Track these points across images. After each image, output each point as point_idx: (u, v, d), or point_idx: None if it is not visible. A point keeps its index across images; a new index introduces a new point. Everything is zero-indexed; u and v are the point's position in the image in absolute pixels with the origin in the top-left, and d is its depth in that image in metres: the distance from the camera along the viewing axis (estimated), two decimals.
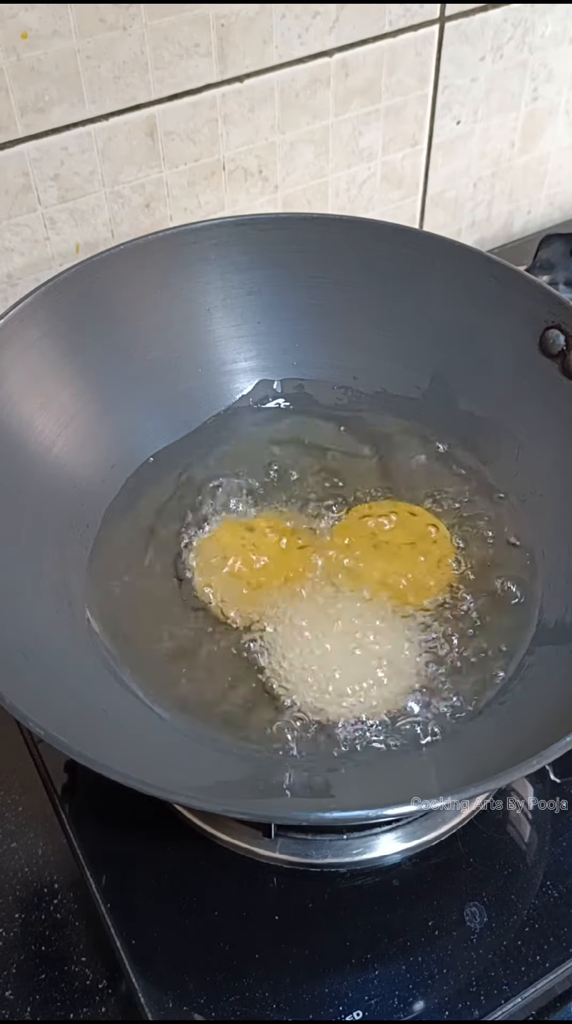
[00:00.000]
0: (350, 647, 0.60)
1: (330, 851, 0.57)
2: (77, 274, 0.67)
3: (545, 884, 0.59)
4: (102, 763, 0.46)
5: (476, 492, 0.69)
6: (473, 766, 0.55)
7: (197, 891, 0.58)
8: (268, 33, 0.71)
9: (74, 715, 0.53)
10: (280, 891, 0.58)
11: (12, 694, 0.49)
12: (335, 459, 0.72)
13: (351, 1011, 0.53)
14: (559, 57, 0.87)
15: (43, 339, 0.65)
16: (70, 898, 0.58)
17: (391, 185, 0.87)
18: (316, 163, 0.81)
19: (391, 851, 0.58)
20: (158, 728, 0.57)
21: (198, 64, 0.70)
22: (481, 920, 0.57)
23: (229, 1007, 0.54)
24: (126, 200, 0.74)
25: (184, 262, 0.71)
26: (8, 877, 0.59)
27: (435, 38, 0.79)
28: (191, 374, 0.73)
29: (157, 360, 0.72)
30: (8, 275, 0.74)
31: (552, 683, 0.57)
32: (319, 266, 0.73)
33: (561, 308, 0.66)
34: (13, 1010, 0.54)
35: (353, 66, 0.77)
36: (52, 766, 0.63)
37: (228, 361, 0.75)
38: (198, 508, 0.68)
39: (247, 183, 0.79)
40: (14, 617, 0.57)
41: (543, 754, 0.47)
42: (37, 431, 0.65)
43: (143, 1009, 0.53)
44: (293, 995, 0.54)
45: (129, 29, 0.66)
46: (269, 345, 0.75)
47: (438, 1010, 0.54)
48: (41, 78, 0.65)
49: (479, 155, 0.90)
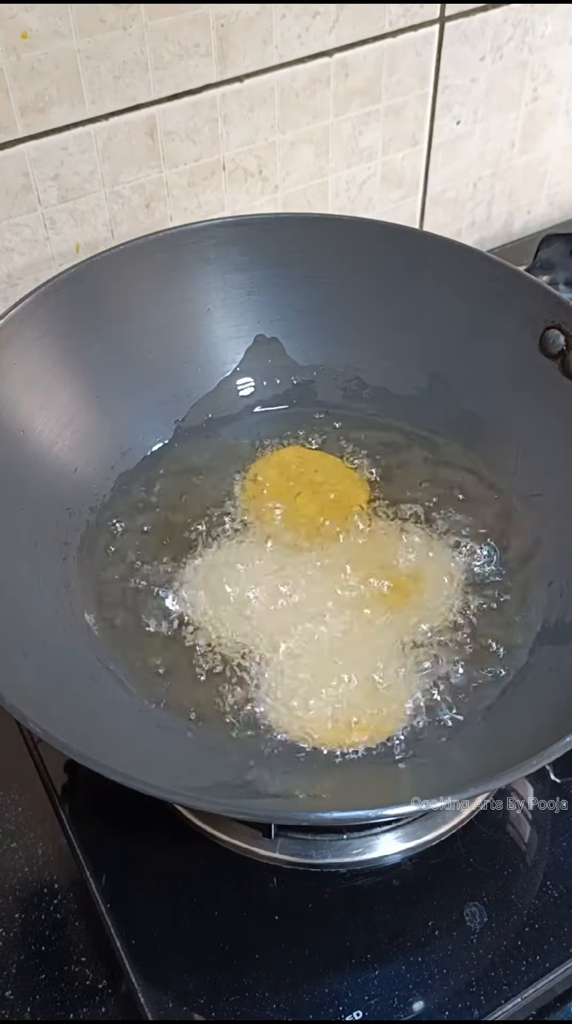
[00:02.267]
0: (350, 654, 0.60)
1: (330, 851, 0.57)
2: (77, 274, 0.67)
3: (545, 884, 0.59)
4: (102, 763, 0.46)
5: (475, 491, 0.69)
6: (473, 766, 0.55)
7: (197, 891, 0.58)
8: (268, 33, 0.71)
9: (74, 715, 0.53)
10: (280, 891, 0.58)
11: (12, 694, 0.49)
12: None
13: (351, 1011, 0.53)
14: (559, 57, 0.87)
15: (43, 339, 0.65)
16: (70, 898, 0.58)
17: (391, 185, 0.87)
18: (316, 163, 0.81)
19: (391, 851, 0.58)
20: (158, 728, 0.57)
21: (198, 64, 0.70)
22: (481, 920, 0.57)
23: (229, 1007, 0.54)
24: (126, 200, 0.74)
25: (184, 262, 0.71)
26: (8, 877, 0.59)
27: (435, 38, 0.79)
28: (191, 374, 0.73)
29: (157, 360, 0.72)
30: (8, 275, 0.74)
31: (552, 683, 0.57)
32: (319, 266, 0.73)
33: (561, 308, 0.66)
34: (13, 1010, 0.54)
35: (353, 66, 0.77)
36: (52, 766, 0.63)
37: (228, 361, 0.75)
38: (198, 508, 0.68)
39: (247, 183, 0.79)
40: (14, 617, 0.57)
41: (543, 754, 0.47)
42: (37, 431, 0.65)
43: (143, 1009, 0.53)
44: (293, 995, 0.54)
45: (129, 29, 0.66)
46: (269, 345, 0.75)
47: (438, 1010, 0.54)
48: (41, 78, 0.65)
49: (479, 155, 0.90)
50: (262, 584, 0.63)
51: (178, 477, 0.70)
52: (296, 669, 0.60)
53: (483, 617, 0.63)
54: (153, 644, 0.62)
